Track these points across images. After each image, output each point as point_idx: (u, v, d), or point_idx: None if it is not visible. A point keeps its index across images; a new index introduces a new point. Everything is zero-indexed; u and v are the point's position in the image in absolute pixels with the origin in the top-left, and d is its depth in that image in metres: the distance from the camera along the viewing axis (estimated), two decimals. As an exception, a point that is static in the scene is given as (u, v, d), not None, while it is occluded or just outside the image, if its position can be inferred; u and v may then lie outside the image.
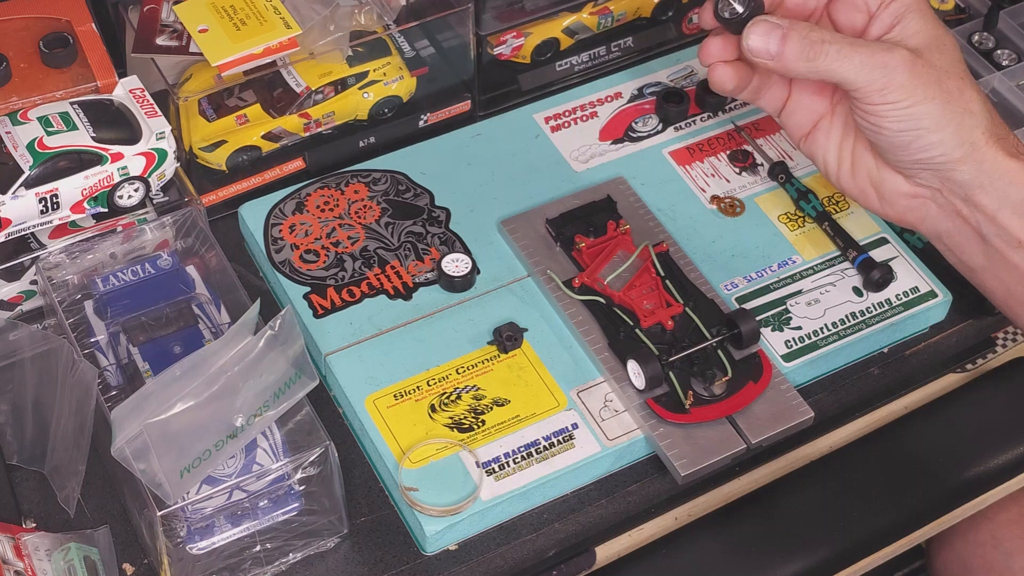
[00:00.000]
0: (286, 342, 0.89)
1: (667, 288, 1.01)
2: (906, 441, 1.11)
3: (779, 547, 1.07)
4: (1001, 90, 1.16)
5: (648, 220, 1.06)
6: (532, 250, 1.04)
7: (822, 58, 0.89)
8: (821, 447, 1.08)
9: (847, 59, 0.89)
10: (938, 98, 0.90)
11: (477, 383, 0.97)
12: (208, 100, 1.10)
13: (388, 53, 1.14)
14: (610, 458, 0.96)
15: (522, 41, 1.17)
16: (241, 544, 0.90)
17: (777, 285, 1.04)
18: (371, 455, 0.96)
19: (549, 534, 0.95)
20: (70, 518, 0.93)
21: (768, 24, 0.91)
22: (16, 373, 0.94)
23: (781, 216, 1.08)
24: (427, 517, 0.91)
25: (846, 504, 1.09)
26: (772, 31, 0.90)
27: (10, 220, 0.96)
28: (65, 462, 0.93)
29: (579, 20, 1.19)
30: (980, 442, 1.14)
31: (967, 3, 1.24)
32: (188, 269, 0.99)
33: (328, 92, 1.11)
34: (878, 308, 1.03)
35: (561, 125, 1.14)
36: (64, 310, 0.96)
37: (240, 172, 1.10)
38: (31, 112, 0.99)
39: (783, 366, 0.99)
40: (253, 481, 0.89)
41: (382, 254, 1.04)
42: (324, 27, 1.08)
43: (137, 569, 0.92)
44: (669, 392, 0.96)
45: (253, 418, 0.88)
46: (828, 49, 0.89)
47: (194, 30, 1.06)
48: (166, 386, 0.85)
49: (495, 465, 0.94)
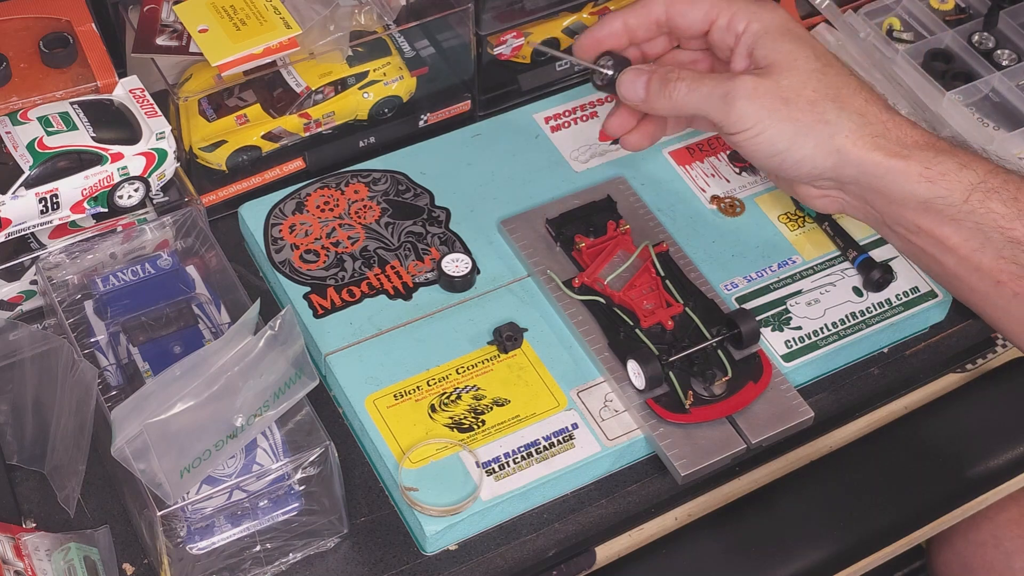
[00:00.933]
0: (286, 342, 0.89)
1: (667, 288, 1.01)
2: (906, 441, 1.11)
3: (779, 547, 1.07)
4: (1001, 90, 1.16)
5: (648, 220, 1.06)
6: (532, 250, 1.04)
7: (675, 94, 0.96)
8: (821, 447, 1.08)
9: (695, 92, 0.95)
10: (787, 118, 0.93)
11: (477, 383, 0.97)
12: (208, 100, 1.10)
13: (388, 53, 1.14)
14: (610, 458, 0.96)
15: (522, 41, 1.17)
16: (241, 544, 0.90)
17: (777, 285, 1.04)
18: (371, 455, 0.96)
19: (549, 534, 0.95)
20: (70, 518, 0.93)
21: (634, 72, 0.98)
22: (16, 373, 0.94)
23: (781, 216, 1.08)
24: (427, 517, 0.91)
25: (846, 504, 1.09)
26: (637, 78, 0.98)
27: (10, 220, 0.96)
28: (65, 462, 0.93)
29: (579, 20, 1.19)
30: (980, 442, 1.14)
31: (967, 3, 1.24)
32: (188, 269, 0.99)
33: (328, 92, 1.11)
34: (878, 308, 1.03)
35: (561, 125, 1.14)
36: (64, 310, 0.96)
37: (240, 172, 1.10)
38: (31, 112, 0.99)
39: (783, 366, 0.99)
40: (253, 481, 0.89)
41: (382, 254, 1.04)
42: (324, 27, 1.08)
43: (137, 569, 0.92)
44: (669, 392, 0.96)
45: (253, 418, 0.88)
46: (679, 86, 0.96)
47: (194, 30, 1.06)
48: (166, 386, 0.85)
49: (495, 465, 0.94)
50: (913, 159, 0.92)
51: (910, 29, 1.23)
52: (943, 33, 1.20)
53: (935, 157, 0.92)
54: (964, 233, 0.91)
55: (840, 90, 0.94)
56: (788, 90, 0.93)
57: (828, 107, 0.93)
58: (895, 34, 1.22)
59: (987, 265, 0.91)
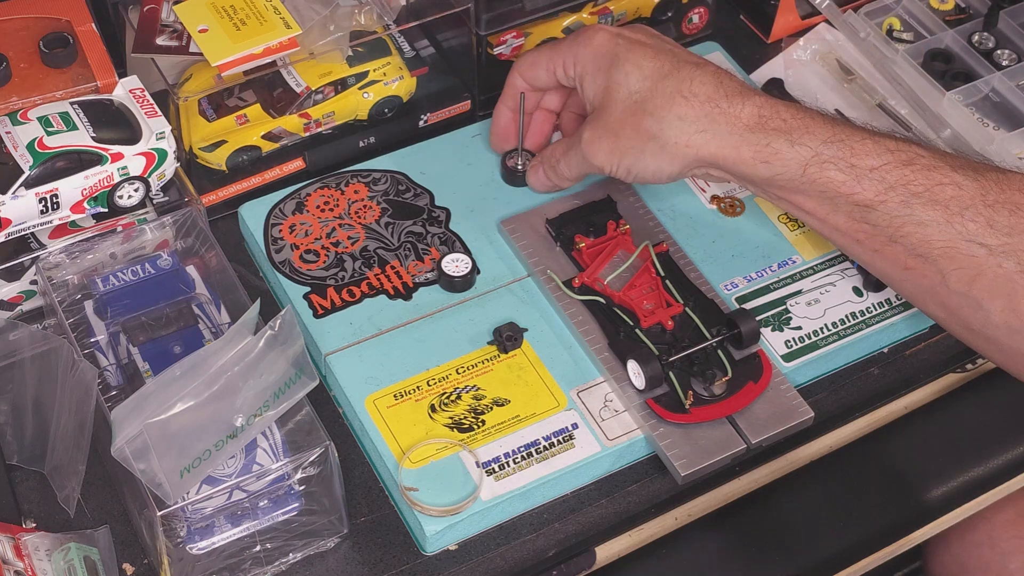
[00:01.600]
0: (286, 342, 0.89)
1: (667, 288, 1.01)
2: (906, 441, 1.11)
3: (779, 547, 1.07)
4: (1001, 90, 1.16)
5: (648, 220, 1.06)
6: (532, 250, 1.04)
7: (563, 172, 1.04)
8: (821, 447, 1.08)
9: (571, 163, 1.03)
10: (625, 150, 0.98)
11: (477, 383, 0.97)
12: (208, 100, 1.10)
13: (388, 53, 1.14)
14: (610, 458, 0.96)
15: (522, 41, 1.17)
16: (241, 544, 0.90)
17: (777, 285, 1.04)
18: (371, 455, 0.96)
19: (549, 534, 0.95)
20: (70, 518, 0.93)
21: (531, 169, 1.07)
22: (16, 373, 0.94)
23: (781, 216, 1.08)
24: (427, 517, 0.91)
25: (846, 504, 1.09)
26: (535, 172, 1.07)
27: (10, 220, 0.96)
28: (65, 462, 0.93)
29: (579, 20, 1.19)
30: (979, 443, 1.14)
31: (967, 3, 1.24)
32: (188, 269, 0.99)
33: (328, 92, 1.11)
34: (878, 308, 1.03)
35: (561, 125, 1.14)
36: (64, 310, 0.96)
37: (240, 172, 1.10)
38: (31, 112, 0.99)
39: (783, 366, 0.99)
40: (253, 481, 0.89)
41: (382, 254, 1.04)
42: (324, 27, 1.08)
43: (137, 569, 0.92)
44: (669, 392, 0.96)
45: (253, 418, 0.88)
46: (560, 167, 1.04)
47: (194, 30, 1.06)
48: (166, 386, 0.85)
49: (495, 465, 0.94)
50: (744, 146, 0.95)
51: (910, 29, 1.23)
52: (943, 33, 1.20)
53: (764, 139, 0.95)
54: (814, 200, 0.96)
55: (657, 99, 0.97)
56: (614, 123, 0.98)
57: (649, 123, 0.97)
58: (895, 34, 1.22)
59: (843, 226, 0.95)
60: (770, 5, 1.23)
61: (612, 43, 1.00)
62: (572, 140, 1.02)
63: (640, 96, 0.97)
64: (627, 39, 1.00)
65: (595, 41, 1.01)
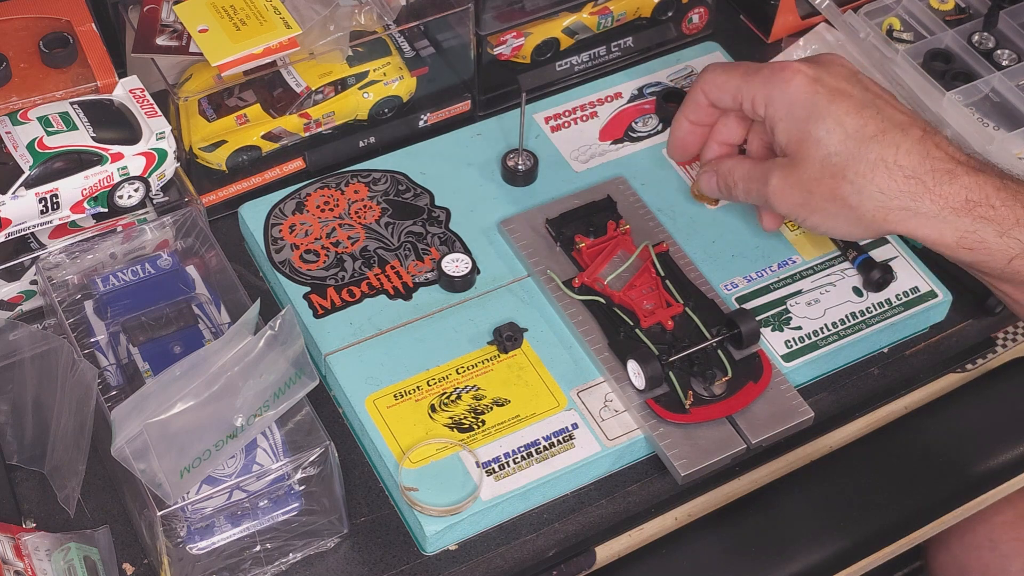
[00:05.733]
0: (286, 342, 0.89)
1: (667, 288, 1.01)
2: (906, 441, 1.11)
3: (779, 547, 1.07)
4: (1001, 90, 1.16)
5: (648, 220, 1.06)
6: (532, 250, 1.04)
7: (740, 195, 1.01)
8: (821, 447, 1.08)
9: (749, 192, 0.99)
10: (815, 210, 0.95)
11: (477, 383, 0.97)
12: (208, 100, 1.10)
13: (388, 53, 1.14)
14: (610, 458, 0.96)
15: (522, 41, 1.17)
16: (241, 544, 0.90)
17: (777, 285, 1.04)
18: (371, 455, 0.96)
19: (549, 534, 0.95)
20: (70, 518, 0.93)
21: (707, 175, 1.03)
22: (16, 373, 0.94)
23: (781, 216, 1.08)
24: (427, 517, 0.91)
25: (845, 504, 1.09)
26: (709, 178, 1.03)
27: (10, 220, 0.96)
28: (65, 462, 0.93)
29: (579, 20, 1.19)
30: (980, 442, 1.14)
31: (967, 3, 1.24)
32: (188, 269, 0.99)
33: (328, 92, 1.11)
34: (878, 308, 1.03)
35: (561, 125, 1.14)
36: (64, 310, 0.96)
37: (240, 172, 1.10)
38: (31, 112, 0.99)
39: (783, 366, 0.99)
40: (253, 481, 0.89)
41: (382, 254, 1.04)
42: (324, 27, 1.08)
43: (137, 569, 0.92)
44: (669, 392, 0.96)
45: (253, 418, 0.88)
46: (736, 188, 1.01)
47: (194, 30, 1.06)
48: (166, 386, 0.85)
49: (495, 465, 0.94)
50: (947, 230, 0.92)
51: (910, 29, 1.23)
52: (943, 33, 1.20)
53: (971, 225, 0.91)
54: (1019, 290, 0.93)
55: (858, 166, 0.92)
56: (808, 181, 0.94)
57: (847, 191, 0.93)
58: (895, 34, 1.22)
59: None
60: (770, 5, 1.23)
61: (811, 91, 0.94)
62: (756, 172, 0.98)
63: (840, 160, 0.93)
64: (827, 88, 0.94)
65: (792, 86, 0.95)
